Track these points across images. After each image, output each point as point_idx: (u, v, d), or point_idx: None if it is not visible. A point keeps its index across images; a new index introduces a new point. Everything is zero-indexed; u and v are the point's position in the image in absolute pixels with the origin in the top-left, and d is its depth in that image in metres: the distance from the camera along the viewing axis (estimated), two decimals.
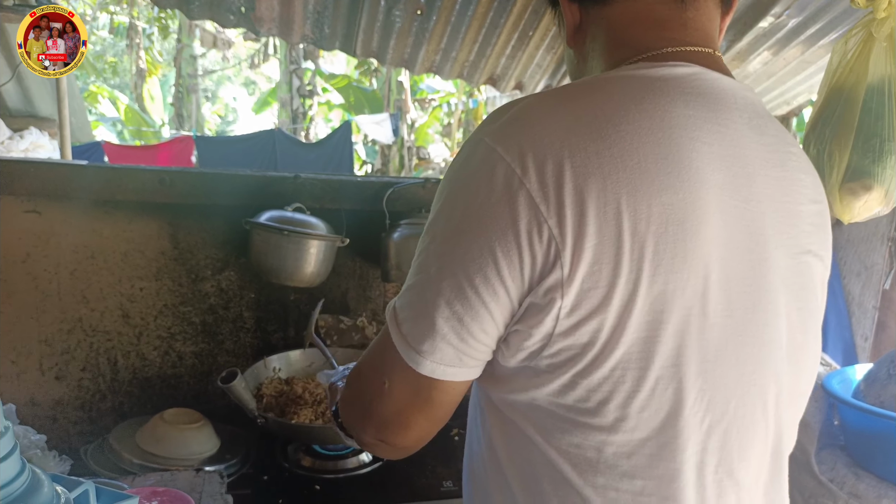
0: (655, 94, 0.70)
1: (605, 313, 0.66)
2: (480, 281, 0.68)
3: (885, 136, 1.14)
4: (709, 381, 0.71)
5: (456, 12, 2.26)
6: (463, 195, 0.71)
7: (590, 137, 0.66)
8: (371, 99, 13.82)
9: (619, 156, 0.65)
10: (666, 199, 0.65)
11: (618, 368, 0.68)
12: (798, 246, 0.78)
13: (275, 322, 2.02)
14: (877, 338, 2.22)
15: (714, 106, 0.73)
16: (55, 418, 1.86)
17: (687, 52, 0.76)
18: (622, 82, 0.72)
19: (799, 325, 0.79)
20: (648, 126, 0.67)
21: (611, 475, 0.72)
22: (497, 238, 0.67)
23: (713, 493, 0.75)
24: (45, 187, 1.73)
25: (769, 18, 2.09)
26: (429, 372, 0.73)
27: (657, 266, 0.65)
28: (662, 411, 0.70)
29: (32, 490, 0.70)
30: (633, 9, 0.79)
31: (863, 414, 1.63)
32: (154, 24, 14.94)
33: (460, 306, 0.70)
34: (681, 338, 0.68)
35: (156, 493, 1.17)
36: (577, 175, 0.65)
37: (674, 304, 0.67)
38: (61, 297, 1.81)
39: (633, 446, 0.71)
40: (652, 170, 0.66)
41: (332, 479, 1.63)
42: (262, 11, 2.25)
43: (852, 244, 2.30)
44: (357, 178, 2.06)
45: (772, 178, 0.75)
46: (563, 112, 0.69)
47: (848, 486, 1.63)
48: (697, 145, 0.69)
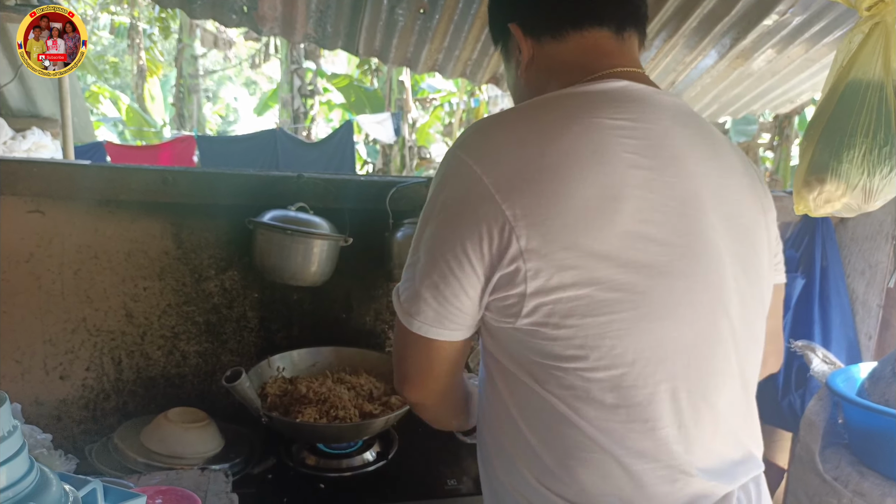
0: (588, 106, 0.91)
1: (562, 275, 0.83)
2: (451, 257, 0.88)
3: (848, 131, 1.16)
4: (666, 319, 0.87)
5: (459, 11, 2.26)
6: (440, 194, 0.92)
7: (535, 144, 0.87)
8: (372, 98, 13.82)
9: (557, 157, 0.85)
10: (596, 184, 0.84)
11: (585, 319, 0.84)
12: (732, 210, 0.95)
13: (278, 321, 2.02)
14: (881, 336, 2.22)
15: (640, 109, 0.92)
16: (60, 418, 1.86)
17: (625, 72, 0.98)
18: (563, 100, 0.94)
19: (742, 274, 0.95)
20: (582, 132, 0.87)
21: (599, 408, 0.88)
22: (464, 224, 0.87)
23: (690, 416, 0.89)
24: (48, 187, 1.73)
25: (773, 16, 2.09)
26: (416, 329, 0.95)
27: (594, 230, 0.83)
28: (630, 349, 0.86)
29: (41, 489, 0.70)
30: (584, 43, 1.01)
31: (867, 412, 1.63)
32: (155, 24, 14.94)
33: (437, 277, 0.90)
34: (629, 286, 0.84)
35: (161, 491, 1.17)
36: (525, 172, 0.85)
37: (614, 260, 0.84)
38: (65, 296, 1.81)
39: (613, 382, 0.86)
40: (584, 165, 0.85)
41: (337, 477, 1.63)
42: (264, 10, 2.24)
43: (857, 242, 2.29)
44: (360, 177, 2.06)
45: (701, 159, 0.94)
46: (515, 126, 0.91)
47: (852, 484, 1.62)
48: (624, 141, 0.87)
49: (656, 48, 2.40)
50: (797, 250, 2.30)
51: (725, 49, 2.36)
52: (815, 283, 2.23)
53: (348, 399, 1.69)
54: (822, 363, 1.95)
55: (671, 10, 2.14)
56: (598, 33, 1.01)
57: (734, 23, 2.17)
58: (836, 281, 2.25)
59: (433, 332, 0.94)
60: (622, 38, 1.02)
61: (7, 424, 0.67)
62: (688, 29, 2.23)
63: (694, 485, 0.91)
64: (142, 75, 15.47)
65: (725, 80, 2.70)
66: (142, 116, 15.17)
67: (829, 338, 2.20)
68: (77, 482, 0.78)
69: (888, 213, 2.17)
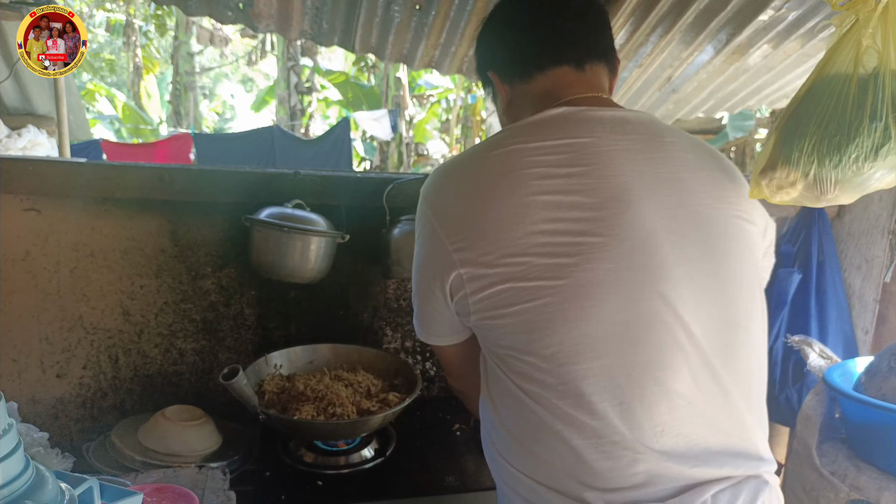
0: (513, 136, 1.07)
1: (487, 276, 0.99)
2: (426, 284, 1.10)
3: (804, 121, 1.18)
4: (589, 301, 0.95)
5: (455, 7, 2.25)
6: (417, 230, 1.13)
7: (464, 180, 1.07)
8: (369, 95, 13.80)
9: (477, 186, 1.03)
10: (506, 199, 0.99)
11: (513, 308, 0.98)
12: (685, 199, 1.03)
13: (276, 319, 2.02)
14: (877, 331, 2.23)
15: (567, 127, 1.06)
16: (57, 416, 1.86)
17: (578, 98, 1.13)
18: (500, 135, 1.10)
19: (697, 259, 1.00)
20: (497, 159, 1.04)
21: (542, 387, 0.98)
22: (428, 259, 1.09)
23: (633, 393, 0.95)
24: (43, 185, 1.73)
25: (769, 11, 2.09)
26: (425, 339, 1.23)
27: (506, 236, 0.98)
28: (557, 331, 0.95)
29: (37, 487, 0.70)
30: (546, 81, 1.17)
31: (864, 407, 1.63)
32: (151, 21, 14.91)
33: (423, 300, 1.14)
34: (545, 276, 0.96)
35: (159, 489, 1.17)
36: (457, 207, 1.05)
37: (526, 255, 0.96)
38: (61, 295, 1.81)
39: (548, 361, 0.96)
40: (496, 186, 1.01)
41: (335, 474, 1.63)
42: (260, 7, 2.24)
43: (853, 237, 2.30)
44: (357, 174, 2.06)
45: (639, 160, 1.04)
46: (457, 168, 1.12)
47: (849, 478, 1.63)
48: (536, 158, 1.02)
49: (652, 44, 2.40)
50: (794, 245, 2.30)
51: (721, 45, 2.36)
52: (812, 277, 2.23)
53: (346, 396, 1.69)
54: (818, 358, 1.95)
55: (667, 6, 2.14)
56: (559, 70, 1.16)
57: (730, 18, 2.17)
58: (832, 276, 2.26)
59: (436, 340, 1.22)
60: (583, 70, 1.17)
61: (2, 423, 0.67)
62: (684, 25, 2.23)
63: (646, 463, 0.95)
64: (138, 73, 15.44)
65: (721, 75, 2.70)
66: (138, 114, 15.14)
67: (826, 332, 2.21)
68: (73, 480, 0.78)
69: (884, 208, 2.17)
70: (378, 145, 13.64)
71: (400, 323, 2.13)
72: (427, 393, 2.18)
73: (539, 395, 0.98)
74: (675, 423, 0.96)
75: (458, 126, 14.03)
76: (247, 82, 24.72)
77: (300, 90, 13.07)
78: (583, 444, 0.96)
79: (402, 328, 2.13)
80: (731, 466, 0.99)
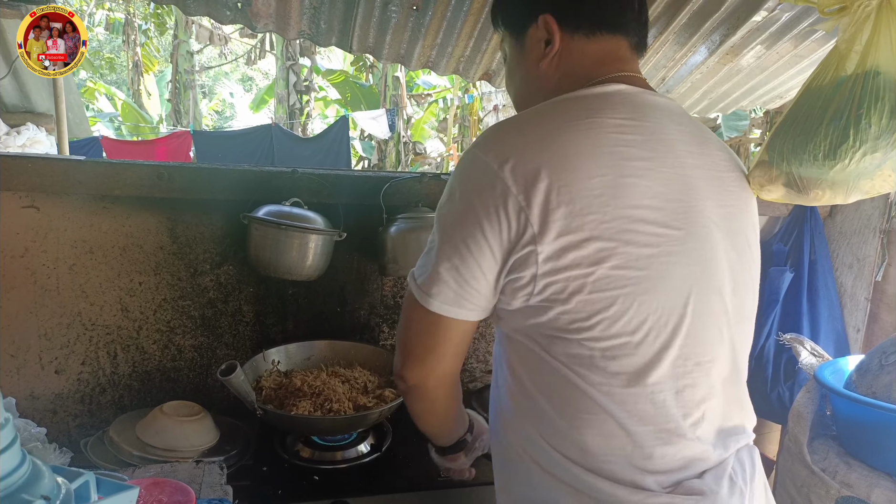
0: (588, 108, 1.00)
1: (569, 256, 0.92)
2: (471, 242, 0.97)
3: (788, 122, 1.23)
4: (664, 294, 0.96)
5: (452, 7, 2.26)
6: (460, 186, 1.00)
7: (542, 141, 0.96)
8: (367, 95, 13.80)
9: (563, 153, 0.94)
10: (596, 175, 0.93)
11: (592, 295, 0.93)
12: (724, 199, 1.05)
13: (273, 316, 2.03)
14: (869, 329, 2.25)
15: (636, 108, 1.02)
16: (55, 412, 1.87)
17: (627, 76, 1.08)
18: (566, 104, 1.03)
19: (736, 258, 1.05)
20: (583, 130, 0.96)
21: (603, 374, 0.96)
22: (482, 211, 0.96)
23: (686, 383, 0.98)
24: (42, 183, 1.74)
25: (762, 12, 2.10)
26: (436, 309, 1.02)
27: (597, 216, 0.92)
28: (632, 321, 0.94)
29: (33, 481, 0.71)
30: (607, 46, 1.11)
31: (855, 404, 1.65)
32: (150, 20, 14.90)
33: (458, 260, 0.99)
34: (630, 264, 0.93)
35: (155, 484, 1.18)
36: (536, 167, 0.93)
37: (616, 241, 0.93)
38: (60, 291, 1.82)
39: (616, 350, 0.95)
40: (586, 159, 0.94)
41: (331, 469, 1.65)
42: (258, 7, 2.24)
43: (844, 236, 2.31)
44: (354, 172, 2.07)
45: (694, 154, 1.04)
46: (525, 127, 1.00)
47: (840, 475, 1.64)
48: (621, 136, 0.97)
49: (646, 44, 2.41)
50: (786, 244, 2.32)
51: (715, 45, 2.37)
52: (804, 276, 2.25)
53: (343, 392, 1.71)
54: (810, 356, 1.97)
55: (661, 6, 2.15)
56: (620, 41, 1.11)
57: (723, 19, 2.18)
58: (824, 274, 2.28)
59: (452, 312, 1.02)
60: (634, 50, 1.14)
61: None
62: (677, 26, 2.24)
63: (692, 448, 0.99)
64: (137, 71, 15.42)
65: (715, 76, 2.71)
66: (138, 112, 15.13)
67: (818, 330, 2.23)
68: (70, 474, 0.79)
69: (876, 208, 2.19)
70: (376, 144, 13.64)
71: (396, 320, 2.14)
72: None
73: (598, 381, 0.96)
74: (710, 411, 1.02)
75: (455, 125, 14.03)
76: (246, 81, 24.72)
77: (299, 89, 13.06)
78: (643, 431, 0.97)
79: None
80: (734, 444, 1.07)
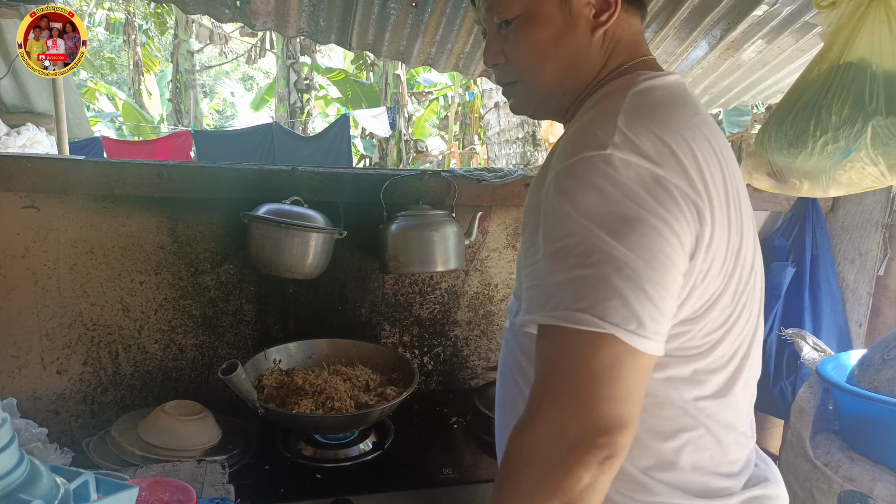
0: (685, 106, 0.93)
1: (723, 262, 0.89)
2: (664, 258, 0.79)
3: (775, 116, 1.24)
4: (745, 312, 0.96)
5: (451, 4, 2.26)
6: (605, 194, 0.80)
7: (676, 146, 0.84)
8: (368, 93, 13.79)
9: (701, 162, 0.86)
10: (720, 183, 0.88)
11: (726, 308, 0.92)
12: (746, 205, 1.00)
13: (275, 314, 2.03)
14: (871, 324, 2.24)
15: (696, 105, 0.97)
16: (57, 412, 1.87)
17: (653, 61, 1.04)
18: (672, 102, 0.93)
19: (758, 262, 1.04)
20: (702, 136, 0.89)
21: (697, 389, 0.93)
22: (664, 216, 0.79)
23: (746, 391, 1.01)
24: (43, 183, 1.74)
25: (763, 7, 2.10)
26: (657, 351, 0.80)
27: (732, 231, 0.89)
28: (730, 342, 0.95)
29: (31, 481, 0.71)
30: (637, 24, 1.05)
31: (857, 399, 1.65)
32: (150, 19, 14.90)
33: (658, 279, 0.79)
34: (740, 281, 0.93)
35: (156, 483, 1.18)
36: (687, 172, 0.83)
37: (739, 259, 0.92)
38: (61, 291, 1.82)
39: (712, 367, 0.94)
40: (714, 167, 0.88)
41: (333, 467, 1.65)
42: (257, 5, 2.24)
43: (847, 231, 2.31)
44: (354, 170, 2.07)
45: (728, 153, 0.96)
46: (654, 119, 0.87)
47: (843, 470, 1.64)
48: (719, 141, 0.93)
49: (647, 39, 2.41)
50: (788, 239, 2.31)
51: (716, 40, 2.37)
52: (806, 271, 2.25)
53: (344, 390, 1.71)
54: (812, 350, 1.96)
55: (661, 2, 2.15)
56: (638, 19, 1.06)
57: (724, 14, 2.17)
58: (826, 269, 2.27)
59: (658, 343, 0.81)
60: None
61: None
62: (678, 20, 2.24)
63: (751, 446, 1.07)
64: (138, 71, 15.41)
65: (716, 70, 2.71)
66: (139, 112, 15.14)
67: (820, 325, 2.22)
68: (69, 474, 0.78)
69: (878, 202, 2.19)
70: (377, 142, 13.63)
71: (398, 318, 2.14)
72: (424, 387, 2.20)
73: (697, 397, 0.94)
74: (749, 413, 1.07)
75: (456, 123, 14.02)
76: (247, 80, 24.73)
77: (300, 88, 13.05)
78: (729, 439, 1.00)
79: (400, 323, 2.15)
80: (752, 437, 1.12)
